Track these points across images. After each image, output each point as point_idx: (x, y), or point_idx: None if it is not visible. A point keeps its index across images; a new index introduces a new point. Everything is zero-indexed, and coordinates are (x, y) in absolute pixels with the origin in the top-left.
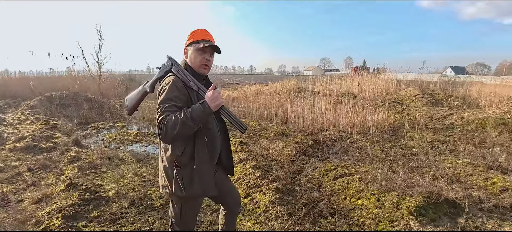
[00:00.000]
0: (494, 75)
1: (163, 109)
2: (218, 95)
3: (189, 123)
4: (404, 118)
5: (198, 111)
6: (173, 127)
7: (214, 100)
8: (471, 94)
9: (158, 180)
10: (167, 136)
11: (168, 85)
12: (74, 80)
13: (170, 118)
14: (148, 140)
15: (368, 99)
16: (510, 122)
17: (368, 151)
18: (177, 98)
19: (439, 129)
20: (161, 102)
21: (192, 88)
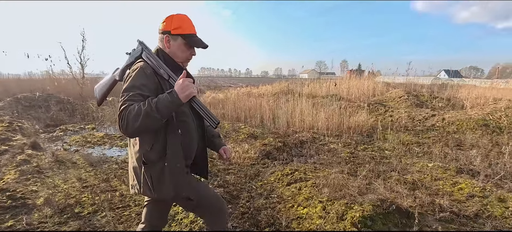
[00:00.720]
0: (487, 78)
1: (126, 97)
2: (188, 84)
3: (154, 115)
4: (385, 119)
5: (165, 101)
6: (135, 119)
7: (184, 89)
8: (459, 95)
9: (128, 179)
10: (128, 129)
11: (135, 71)
12: (53, 82)
13: (132, 108)
14: (112, 142)
15: (353, 100)
16: (491, 124)
17: (337, 154)
18: (143, 86)
19: (419, 131)
20: (125, 89)
21: (162, 76)
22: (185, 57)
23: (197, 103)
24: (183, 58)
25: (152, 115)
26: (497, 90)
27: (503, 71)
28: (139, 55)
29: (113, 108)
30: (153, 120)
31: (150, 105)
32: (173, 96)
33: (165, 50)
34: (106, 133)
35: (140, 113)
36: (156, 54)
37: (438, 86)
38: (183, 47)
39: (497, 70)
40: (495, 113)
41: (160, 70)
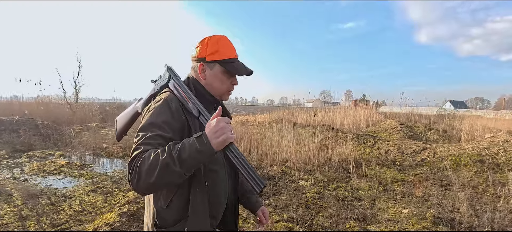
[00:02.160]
0: (493, 109)
1: (141, 140)
2: (225, 125)
3: (175, 168)
4: (373, 152)
5: (191, 149)
6: (149, 172)
7: (218, 133)
8: (456, 127)
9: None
10: (140, 185)
11: (156, 104)
12: (39, 106)
13: (147, 156)
14: (68, 172)
15: (343, 131)
16: (487, 160)
17: (301, 194)
18: (165, 125)
19: (407, 166)
20: (141, 128)
21: (191, 111)
22: (225, 88)
23: (235, 153)
24: (222, 91)
25: (172, 168)
26: (502, 121)
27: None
28: (166, 84)
29: (94, 133)
30: (173, 175)
31: (171, 154)
32: (203, 143)
33: (201, 81)
34: (69, 161)
35: (156, 164)
36: (187, 84)
37: (437, 116)
38: (221, 76)
39: (503, 101)
40: (492, 147)
41: (189, 104)
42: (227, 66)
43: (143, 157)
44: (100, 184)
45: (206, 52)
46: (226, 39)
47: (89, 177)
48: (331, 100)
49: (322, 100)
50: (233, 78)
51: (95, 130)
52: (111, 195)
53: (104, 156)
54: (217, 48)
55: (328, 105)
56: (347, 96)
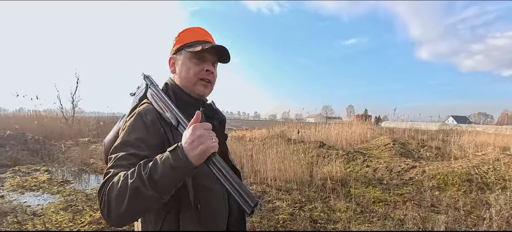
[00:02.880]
0: (497, 124)
1: (112, 162)
2: (203, 133)
3: (146, 192)
4: (361, 170)
5: (164, 166)
6: (118, 200)
7: (195, 143)
8: (452, 144)
9: None
10: (111, 217)
11: (129, 121)
12: (33, 120)
13: (116, 181)
14: (48, 188)
15: (335, 148)
16: (476, 178)
17: (274, 216)
18: (140, 141)
19: (392, 186)
20: (113, 149)
21: (169, 121)
22: (192, 75)
23: (218, 166)
24: (192, 79)
25: (144, 192)
26: (502, 137)
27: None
28: (144, 95)
29: (85, 148)
30: (145, 201)
31: (140, 175)
32: (178, 157)
33: (175, 80)
34: (51, 177)
35: (125, 190)
36: (165, 90)
37: (437, 132)
38: (188, 63)
39: (506, 116)
40: (482, 165)
41: (167, 113)
42: (189, 48)
43: (112, 182)
44: (73, 202)
45: (176, 43)
46: (199, 27)
47: (66, 194)
48: (332, 115)
49: (324, 115)
50: (204, 63)
51: (86, 145)
52: (80, 214)
53: (89, 172)
54: (180, 37)
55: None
56: (349, 111)
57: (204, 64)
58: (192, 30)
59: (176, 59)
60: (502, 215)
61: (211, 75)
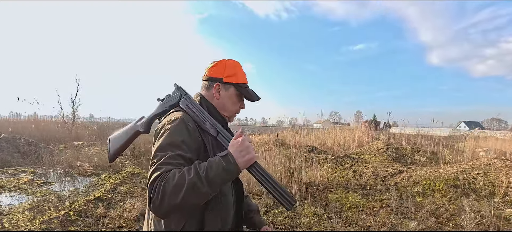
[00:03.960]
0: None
1: (161, 160)
2: (249, 145)
3: (202, 188)
4: (348, 175)
5: (218, 168)
6: (174, 192)
7: (243, 152)
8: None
9: None
10: (163, 207)
11: (173, 123)
12: (30, 124)
13: (171, 176)
14: (26, 189)
15: (326, 153)
16: (463, 184)
17: None
18: (185, 145)
19: (375, 191)
20: (159, 148)
21: (208, 131)
22: (235, 110)
23: (260, 171)
24: (232, 112)
25: (200, 188)
26: (509, 142)
27: None
28: (176, 103)
29: (74, 151)
30: (199, 196)
31: (198, 173)
32: (229, 162)
33: (212, 100)
34: (33, 178)
35: (182, 184)
36: (200, 104)
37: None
38: (234, 99)
39: None
40: (472, 171)
41: (206, 124)
42: (242, 90)
43: (167, 177)
44: (42, 203)
45: (224, 73)
46: (239, 64)
47: (41, 195)
48: (340, 120)
49: (331, 120)
50: (242, 102)
51: (79, 149)
52: (42, 214)
53: (74, 175)
54: (235, 72)
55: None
56: (357, 117)
57: (242, 102)
58: (239, 70)
59: (223, 88)
60: (482, 223)
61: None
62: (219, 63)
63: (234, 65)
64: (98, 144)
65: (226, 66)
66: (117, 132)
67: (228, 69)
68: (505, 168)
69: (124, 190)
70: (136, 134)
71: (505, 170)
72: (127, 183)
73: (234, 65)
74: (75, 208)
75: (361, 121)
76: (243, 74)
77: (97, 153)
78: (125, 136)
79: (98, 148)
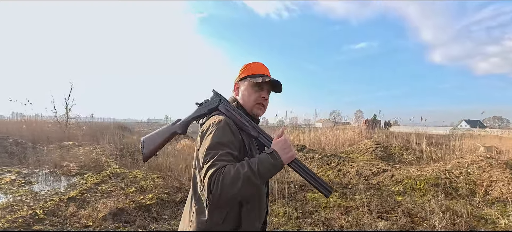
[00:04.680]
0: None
1: (215, 158)
2: (290, 143)
3: (255, 180)
4: (332, 174)
5: (267, 164)
6: (232, 183)
7: (286, 150)
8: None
9: None
10: (222, 197)
11: (218, 125)
12: (21, 124)
13: (227, 170)
14: (5, 189)
15: (315, 151)
16: (445, 183)
17: None
18: (231, 144)
19: (356, 190)
20: (210, 147)
21: (249, 133)
22: (254, 100)
23: (300, 166)
24: (253, 102)
25: (253, 180)
26: (505, 140)
27: None
28: (215, 107)
29: (64, 151)
30: (252, 187)
31: (251, 168)
32: (276, 158)
33: (238, 99)
34: (15, 178)
35: (238, 177)
36: (237, 107)
37: (443, 136)
38: (250, 90)
39: None
40: (456, 169)
41: (248, 126)
42: (252, 78)
43: (224, 172)
44: (17, 202)
45: (242, 73)
46: (261, 63)
47: (19, 194)
48: (341, 120)
49: (332, 120)
50: (262, 91)
51: (68, 149)
52: (13, 213)
53: (59, 174)
54: (247, 67)
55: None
56: (358, 116)
57: (262, 92)
58: (255, 65)
59: (240, 85)
60: (457, 223)
61: (265, 101)
62: (242, 68)
63: (249, 64)
64: (89, 144)
65: (243, 68)
66: (151, 133)
67: (244, 69)
68: (488, 166)
69: (102, 190)
70: (172, 134)
71: (489, 169)
72: (107, 183)
73: (250, 64)
74: (46, 207)
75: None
76: (259, 67)
77: (86, 153)
78: (160, 137)
79: (88, 148)
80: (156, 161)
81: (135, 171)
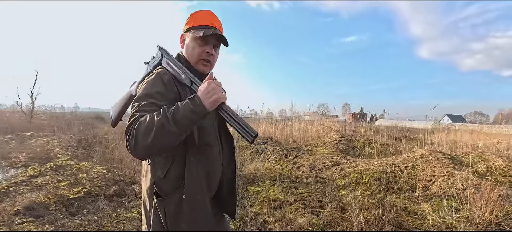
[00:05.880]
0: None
1: (137, 108)
2: (216, 86)
3: (170, 128)
4: (287, 167)
5: (185, 109)
6: (145, 133)
7: (210, 94)
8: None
9: None
10: (138, 147)
11: (149, 77)
12: None
13: (143, 120)
14: None
15: (281, 145)
16: (387, 177)
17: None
18: (159, 95)
19: (303, 184)
20: (136, 99)
21: (184, 83)
22: (197, 54)
23: (227, 111)
24: (196, 57)
25: (168, 128)
26: (477, 134)
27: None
28: (158, 62)
29: (19, 142)
30: (168, 135)
31: (166, 115)
32: (196, 103)
33: (183, 52)
34: None
35: (152, 126)
36: (177, 59)
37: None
38: (193, 43)
39: (501, 116)
40: (402, 163)
41: (181, 76)
42: (195, 30)
43: (140, 121)
44: None
45: (186, 23)
46: (208, 11)
47: None
48: (329, 113)
49: (319, 113)
50: (206, 45)
51: (25, 139)
52: None
53: (4, 166)
54: (194, 18)
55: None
56: (345, 109)
57: (206, 46)
58: (201, 14)
59: (185, 37)
60: (381, 218)
61: (210, 56)
62: (188, 18)
63: (195, 13)
64: (52, 135)
65: (189, 18)
66: (117, 100)
67: (189, 19)
68: (435, 160)
69: (36, 183)
70: (131, 98)
71: (434, 163)
72: (46, 175)
73: (196, 12)
74: None
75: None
76: (203, 17)
77: (42, 145)
78: (122, 102)
79: (46, 139)
80: (112, 154)
81: (83, 163)
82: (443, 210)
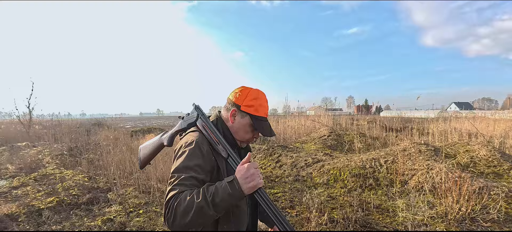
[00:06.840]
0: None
1: (177, 181)
2: (255, 171)
3: (208, 212)
4: (270, 165)
5: (224, 193)
6: (184, 213)
7: (249, 179)
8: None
9: None
10: (175, 225)
11: (189, 146)
12: None
13: (183, 197)
14: None
15: (269, 142)
16: (366, 173)
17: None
18: (198, 167)
19: (281, 183)
20: (176, 170)
21: (220, 153)
22: (246, 139)
23: (263, 197)
24: (244, 139)
25: (206, 211)
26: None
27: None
28: (193, 122)
29: (12, 153)
30: (206, 218)
31: (205, 198)
32: (235, 187)
33: (227, 123)
34: None
35: (191, 207)
36: (215, 124)
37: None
38: (247, 129)
39: (509, 101)
40: (383, 158)
41: (219, 146)
42: (256, 122)
43: (179, 198)
44: None
45: (244, 101)
46: (264, 97)
47: None
48: (332, 107)
49: (323, 107)
50: (256, 133)
51: (19, 150)
52: None
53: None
54: (255, 103)
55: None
56: (349, 102)
57: (256, 134)
58: (262, 102)
59: (239, 114)
60: (346, 213)
61: (255, 140)
62: (244, 90)
63: (256, 96)
64: (47, 144)
65: (248, 95)
66: (147, 142)
67: (249, 98)
68: (417, 153)
69: (16, 194)
70: (161, 146)
71: (416, 156)
72: (29, 186)
73: (257, 96)
74: None
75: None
76: (264, 107)
77: (34, 154)
78: (152, 147)
79: (40, 149)
80: (99, 162)
81: (67, 171)
82: (417, 206)
